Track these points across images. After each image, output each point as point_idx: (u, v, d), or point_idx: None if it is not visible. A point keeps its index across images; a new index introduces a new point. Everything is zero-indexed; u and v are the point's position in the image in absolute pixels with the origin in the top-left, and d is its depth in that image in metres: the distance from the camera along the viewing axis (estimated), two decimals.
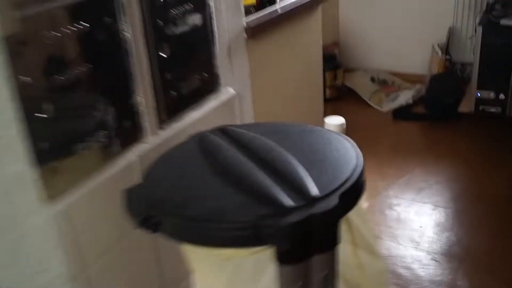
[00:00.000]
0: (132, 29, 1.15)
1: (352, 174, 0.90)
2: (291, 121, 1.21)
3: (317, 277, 0.84)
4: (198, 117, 1.44)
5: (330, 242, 0.81)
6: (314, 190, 0.82)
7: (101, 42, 1.08)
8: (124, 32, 1.13)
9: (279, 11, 2.03)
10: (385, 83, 3.77)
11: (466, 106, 3.09)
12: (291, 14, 2.11)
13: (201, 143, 1.05)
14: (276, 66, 2.05)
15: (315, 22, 2.36)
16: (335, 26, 3.98)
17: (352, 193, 0.87)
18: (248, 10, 1.86)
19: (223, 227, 0.79)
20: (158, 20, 1.23)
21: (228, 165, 0.92)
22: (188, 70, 1.38)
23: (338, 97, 3.75)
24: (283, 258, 0.79)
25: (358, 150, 0.99)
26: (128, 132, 1.21)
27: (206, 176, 0.92)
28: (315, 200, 0.80)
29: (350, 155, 0.98)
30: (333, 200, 0.80)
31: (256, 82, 1.81)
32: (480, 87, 2.94)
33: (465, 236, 2.21)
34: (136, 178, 1.25)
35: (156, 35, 1.22)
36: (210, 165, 0.95)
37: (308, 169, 0.88)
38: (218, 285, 1.03)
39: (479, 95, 2.96)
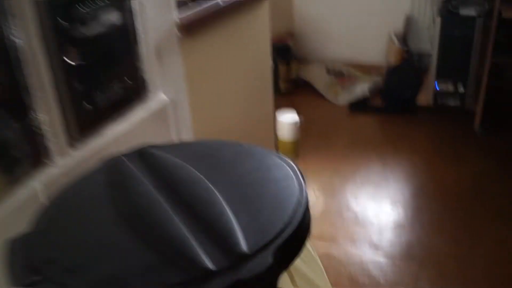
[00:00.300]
0: (25, 33, 0.94)
1: (292, 217, 0.69)
2: (226, 140, 1.00)
3: None
4: (122, 131, 1.24)
5: None
6: (242, 246, 0.63)
7: None
8: (13, 38, 0.92)
9: (221, 3, 1.83)
10: (341, 74, 3.62)
11: (424, 99, 2.97)
12: (234, 6, 1.91)
13: (110, 173, 0.85)
14: (218, 65, 1.85)
15: (262, 13, 2.16)
16: (289, 15, 3.80)
17: (292, 245, 0.68)
18: (183, 3, 1.65)
19: None
20: (61, 20, 1.01)
21: (138, 208, 0.72)
22: (105, 77, 1.17)
23: (293, 91, 3.58)
24: None
25: (302, 179, 0.78)
26: (29, 156, 1.01)
27: (109, 223, 0.72)
28: (243, 259, 0.62)
29: (291, 187, 0.77)
30: (266, 259, 0.61)
31: (195, 85, 1.61)
32: (439, 79, 2.81)
33: (426, 237, 2.07)
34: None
35: (58, 38, 1.01)
36: (116, 206, 0.75)
37: (237, 213, 0.68)
38: None
39: (438, 88, 2.82)
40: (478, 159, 2.60)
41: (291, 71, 3.55)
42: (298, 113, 2.68)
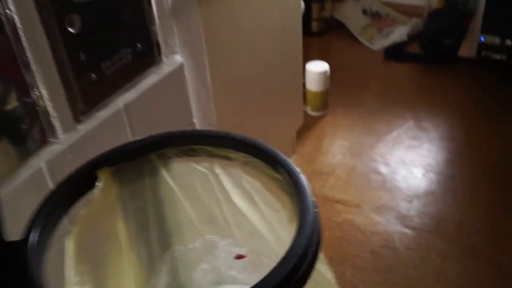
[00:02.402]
0: (17, 3, 0.88)
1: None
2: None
3: None
4: (133, 99, 1.19)
5: None
6: None
7: None
8: (7, 10, 0.86)
9: None
10: (378, 15, 3.47)
11: (467, 50, 2.81)
12: None
13: None
14: (242, 14, 1.75)
15: None
16: None
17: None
18: None
19: None
20: None
21: None
22: (112, 44, 1.10)
23: (326, 31, 3.45)
24: None
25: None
26: (31, 134, 0.97)
27: None
28: None
29: None
30: None
31: (215, 41, 1.53)
32: (484, 29, 2.65)
33: (458, 210, 2.00)
34: (44, 190, 1.03)
35: (57, 5, 0.95)
36: None
37: None
38: None
39: (482, 39, 2.67)
40: None
41: (325, 10, 3.42)
42: (329, 57, 2.58)
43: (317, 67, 2.55)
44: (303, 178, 0.74)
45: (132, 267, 0.93)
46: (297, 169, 0.76)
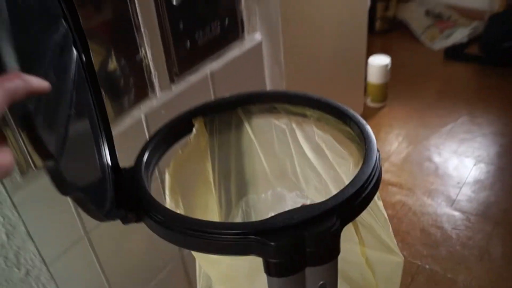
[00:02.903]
0: None
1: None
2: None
3: (311, 287, 0.73)
4: (218, 68, 1.30)
5: (327, 255, 0.70)
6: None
7: None
8: None
9: None
10: (440, 17, 3.48)
11: None
12: None
13: None
14: (313, 4, 1.85)
15: None
16: None
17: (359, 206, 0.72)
18: None
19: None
20: None
21: None
22: (205, 17, 1.22)
23: (388, 30, 3.50)
24: (271, 272, 0.69)
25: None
26: (135, 88, 1.09)
27: None
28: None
29: None
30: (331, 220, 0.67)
31: (289, 25, 1.64)
32: None
33: (505, 199, 2.04)
34: (141, 137, 1.16)
35: None
36: None
37: None
38: (215, 276, 0.94)
39: None
40: None
41: (389, 10, 3.47)
42: (391, 55, 2.64)
43: (378, 61, 2.61)
44: (369, 128, 0.84)
45: (216, 205, 1.04)
46: (365, 121, 0.85)
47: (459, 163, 2.24)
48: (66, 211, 1.00)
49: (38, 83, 0.48)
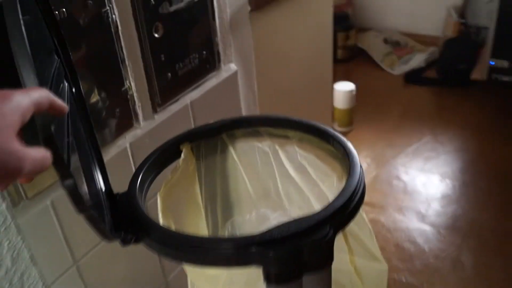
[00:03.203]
0: (120, 9, 1.04)
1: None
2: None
3: None
4: (197, 97, 1.34)
5: (322, 262, 0.73)
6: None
7: (85, 27, 0.98)
8: (111, 14, 1.02)
9: None
10: (398, 44, 3.61)
11: (479, 73, 2.94)
12: None
13: None
14: (283, 36, 1.92)
15: None
16: None
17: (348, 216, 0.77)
18: None
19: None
20: None
21: None
22: (185, 49, 1.27)
23: (350, 58, 3.61)
24: (270, 280, 0.72)
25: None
26: (120, 118, 1.12)
27: None
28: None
29: None
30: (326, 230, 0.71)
31: (261, 56, 1.69)
32: (494, 54, 2.78)
33: (471, 211, 2.12)
34: (127, 166, 1.18)
35: (147, 14, 1.11)
36: None
37: None
38: None
39: (492, 63, 2.80)
40: None
41: (349, 39, 3.58)
42: (354, 81, 2.72)
43: (344, 87, 2.69)
44: (350, 144, 0.88)
45: (206, 226, 1.07)
46: (346, 139, 0.90)
47: (426, 180, 2.31)
48: (56, 240, 1.01)
49: (59, 101, 0.51)
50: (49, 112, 0.51)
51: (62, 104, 0.52)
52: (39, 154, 0.47)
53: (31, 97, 0.48)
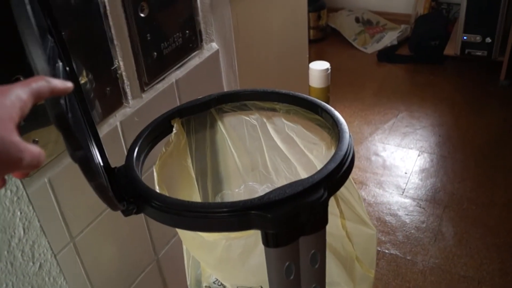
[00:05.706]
0: None
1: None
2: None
3: (304, 256, 0.81)
4: (181, 76, 1.38)
5: (317, 224, 0.78)
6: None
7: (74, 7, 1.01)
8: None
9: None
10: (369, 23, 3.69)
11: (451, 49, 3.03)
12: None
13: None
14: (260, 17, 1.96)
15: None
16: None
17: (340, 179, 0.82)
18: None
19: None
20: None
21: None
22: (169, 29, 1.30)
23: (322, 38, 3.67)
24: (269, 242, 0.77)
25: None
26: (111, 97, 1.15)
27: None
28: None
29: None
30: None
31: (240, 35, 1.73)
32: (466, 29, 2.86)
33: (450, 183, 2.21)
34: (118, 144, 1.21)
35: None
36: None
37: None
38: (208, 262, 1.01)
39: (465, 38, 2.89)
40: (503, 111, 2.70)
41: (321, 19, 3.63)
42: (328, 61, 2.78)
43: (319, 66, 2.74)
44: (338, 113, 0.94)
45: (198, 198, 1.11)
46: (333, 108, 0.95)
47: (404, 154, 2.40)
48: (54, 218, 1.04)
49: (61, 83, 0.54)
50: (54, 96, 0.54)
51: (64, 83, 0.55)
52: (36, 149, 0.50)
53: (30, 88, 0.50)
